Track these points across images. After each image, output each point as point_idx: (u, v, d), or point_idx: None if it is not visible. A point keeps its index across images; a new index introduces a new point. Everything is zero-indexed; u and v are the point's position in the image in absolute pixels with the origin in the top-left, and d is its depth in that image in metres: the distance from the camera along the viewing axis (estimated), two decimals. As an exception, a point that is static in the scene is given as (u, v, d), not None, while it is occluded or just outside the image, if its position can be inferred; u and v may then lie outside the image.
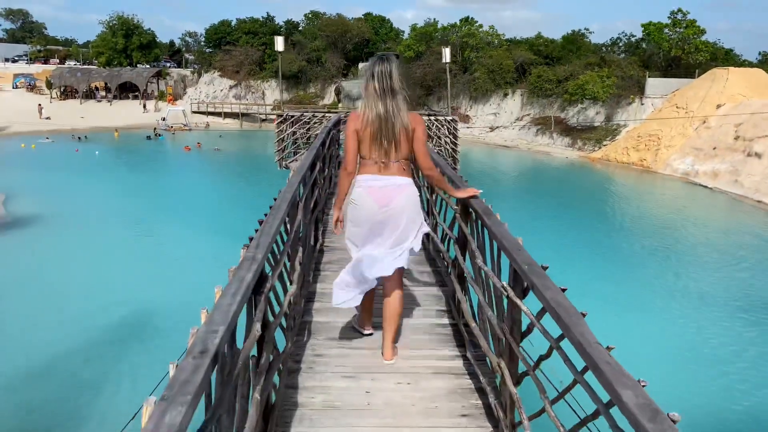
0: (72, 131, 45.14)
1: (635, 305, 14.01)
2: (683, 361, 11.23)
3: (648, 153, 33.88)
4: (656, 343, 11.90)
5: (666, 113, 35.33)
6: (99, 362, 10.80)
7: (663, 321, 13.07)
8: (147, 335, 11.71)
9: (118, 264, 15.72)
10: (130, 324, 12.26)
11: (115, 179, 27.33)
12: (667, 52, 39.60)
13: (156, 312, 12.69)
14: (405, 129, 3.46)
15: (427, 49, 49.17)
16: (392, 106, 3.42)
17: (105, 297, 13.40)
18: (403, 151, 3.51)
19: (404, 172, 3.56)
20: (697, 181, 29.77)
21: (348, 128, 3.55)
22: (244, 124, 53.95)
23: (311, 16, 61.93)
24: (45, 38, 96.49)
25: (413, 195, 3.61)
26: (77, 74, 58.20)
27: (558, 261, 17.07)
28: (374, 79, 3.44)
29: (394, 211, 3.51)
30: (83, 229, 18.78)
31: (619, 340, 2.64)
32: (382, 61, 3.47)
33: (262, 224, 3.21)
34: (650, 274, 16.44)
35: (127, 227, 19.28)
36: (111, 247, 17.18)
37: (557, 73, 42.02)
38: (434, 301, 4.93)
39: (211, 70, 59.62)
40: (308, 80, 55.61)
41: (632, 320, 12.96)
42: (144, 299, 13.28)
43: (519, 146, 41.75)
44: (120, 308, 12.83)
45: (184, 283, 13.54)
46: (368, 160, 3.53)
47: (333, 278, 3.84)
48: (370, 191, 3.51)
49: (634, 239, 20.30)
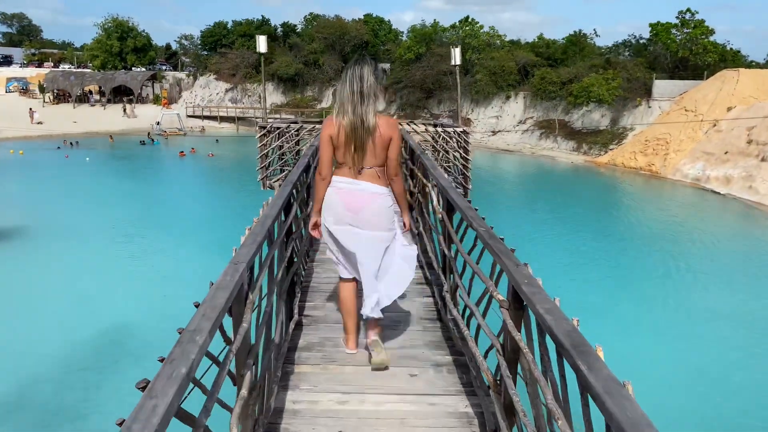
0: (64, 136, 44.06)
1: (648, 326, 12.95)
2: (703, 390, 10.18)
3: (656, 158, 32.77)
4: (669, 367, 10.90)
5: (674, 116, 34.22)
6: (71, 392, 9.78)
7: (680, 345, 11.98)
8: (125, 361, 10.63)
9: (100, 281, 14.63)
10: (107, 349, 11.20)
11: (103, 188, 26.18)
12: (674, 53, 38.47)
13: (138, 336, 11.61)
14: (379, 135, 3.39)
15: (427, 50, 48.07)
16: (362, 109, 3.34)
17: (83, 319, 12.34)
18: (377, 157, 3.45)
19: (379, 180, 3.51)
20: (708, 187, 28.65)
21: (322, 133, 3.52)
22: (240, 128, 52.81)
23: (310, 18, 60.85)
24: (41, 42, 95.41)
25: (386, 205, 3.55)
26: (70, 78, 57.10)
27: (562, 272, 16.09)
28: (346, 83, 3.38)
29: (363, 219, 3.50)
30: (65, 243, 17.64)
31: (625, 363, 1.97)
32: (358, 65, 3.40)
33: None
34: (662, 291, 15.32)
35: (112, 241, 18.14)
36: (93, 263, 16.07)
37: (561, 75, 40.91)
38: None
39: (206, 73, 58.51)
40: (305, 83, 54.48)
41: (646, 342, 11.91)
42: (126, 322, 12.23)
43: (522, 150, 40.64)
44: (99, 331, 11.78)
45: (169, 304, 12.47)
46: (344, 165, 3.50)
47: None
48: (340, 193, 3.50)
49: (643, 251, 19.17)
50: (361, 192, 3.47)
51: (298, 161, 5.60)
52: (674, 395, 9.78)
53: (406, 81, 47.80)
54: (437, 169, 5.32)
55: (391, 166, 3.54)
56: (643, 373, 9.70)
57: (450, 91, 47.22)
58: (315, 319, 4.51)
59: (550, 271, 15.30)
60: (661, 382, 10.03)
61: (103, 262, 16.09)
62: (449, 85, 46.99)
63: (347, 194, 3.48)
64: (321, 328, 4.32)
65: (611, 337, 11.38)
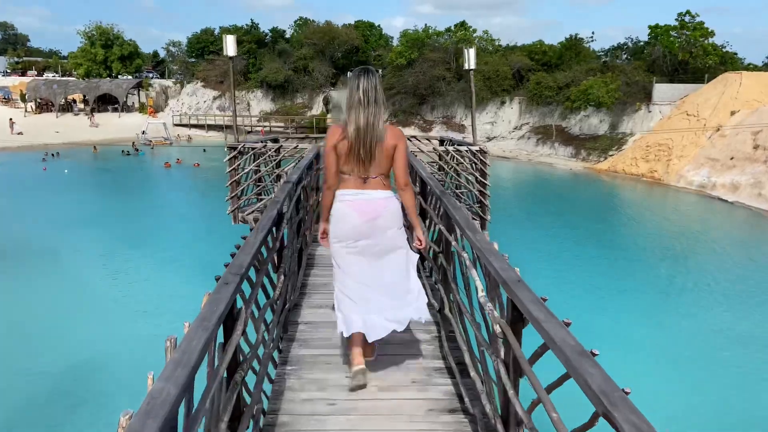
0: (45, 147, 42.49)
1: (658, 350, 11.73)
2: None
3: (659, 164, 31.67)
4: (685, 398, 9.73)
5: (676, 121, 33.18)
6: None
7: (699, 374, 10.76)
8: (92, 403, 9.30)
9: (70, 309, 13.24)
10: (74, 386, 9.89)
11: (80, 203, 24.66)
12: (674, 56, 37.46)
13: (108, 370, 10.28)
14: (384, 142, 3.37)
15: (419, 56, 46.90)
16: (373, 120, 3.31)
17: (51, 351, 11.00)
18: (382, 166, 3.43)
19: (385, 186, 3.50)
20: (715, 194, 27.54)
21: (327, 144, 3.48)
22: (228, 137, 51.39)
23: (299, 23, 59.53)
24: (27, 50, 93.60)
25: (396, 207, 3.54)
26: (53, 86, 55.50)
27: (563, 288, 14.80)
28: (359, 91, 3.32)
29: (382, 223, 3.47)
30: (32, 267, 16.17)
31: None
32: (368, 75, 3.37)
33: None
34: (672, 310, 14.08)
35: (86, 265, 16.70)
36: (63, 290, 14.63)
37: (557, 79, 39.83)
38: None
39: (193, 81, 57.08)
40: (295, 90, 53.16)
41: (659, 371, 10.72)
42: (97, 354, 10.89)
43: (519, 157, 39.47)
44: (66, 368, 10.44)
45: (144, 335, 11.13)
46: (348, 176, 3.46)
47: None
48: (352, 205, 3.45)
49: (649, 263, 17.97)
50: (372, 200, 3.43)
51: (270, 205, 4.18)
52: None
53: (398, 87, 46.59)
54: (469, 220, 3.71)
55: (399, 176, 3.47)
56: (657, 405, 8.55)
57: (443, 96, 46.07)
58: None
59: (550, 286, 14.11)
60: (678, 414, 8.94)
61: (74, 289, 14.67)
62: (443, 90, 45.84)
63: (358, 205, 3.43)
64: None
65: (618, 369, 10.22)
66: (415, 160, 6.72)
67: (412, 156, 7.21)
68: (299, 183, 5.38)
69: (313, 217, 6.50)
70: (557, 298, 12.87)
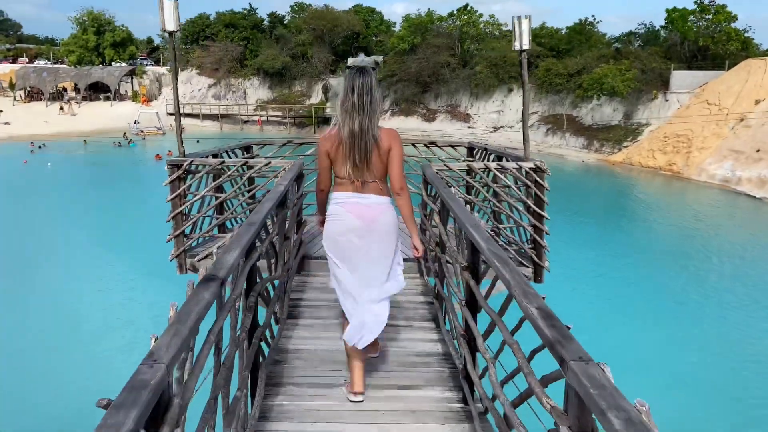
0: (31, 138, 40.69)
1: (671, 362, 10.07)
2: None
3: (677, 156, 29.80)
4: None
5: (695, 110, 31.24)
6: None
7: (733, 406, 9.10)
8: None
9: (36, 324, 11.58)
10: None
11: (59, 201, 22.89)
12: (693, 41, 35.36)
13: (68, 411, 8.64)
14: (379, 145, 3.21)
15: (422, 41, 44.81)
16: (368, 125, 3.16)
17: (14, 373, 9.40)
18: (378, 170, 3.27)
19: (382, 192, 3.34)
20: (740, 189, 25.74)
21: (320, 148, 3.35)
22: (224, 126, 49.54)
23: (297, 8, 57.28)
24: (20, 37, 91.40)
25: (393, 219, 3.40)
26: (43, 74, 53.51)
27: (572, 293, 13.06)
28: (353, 94, 3.16)
29: (379, 228, 3.32)
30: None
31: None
32: (362, 74, 3.18)
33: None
34: (697, 325, 12.33)
35: (57, 273, 15.00)
36: (30, 298, 12.96)
37: (568, 66, 37.81)
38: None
39: (188, 68, 55.01)
40: (293, 78, 51.11)
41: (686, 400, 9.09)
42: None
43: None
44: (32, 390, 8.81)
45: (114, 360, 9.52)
46: (344, 180, 3.31)
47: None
48: (350, 208, 3.31)
49: (671, 269, 16.21)
50: (370, 205, 3.29)
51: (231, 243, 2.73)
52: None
53: (400, 74, 44.55)
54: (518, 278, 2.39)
55: (395, 180, 3.31)
56: None
57: (447, 84, 44.08)
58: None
59: (566, 294, 12.48)
60: None
61: (43, 298, 12.99)
62: (447, 78, 43.85)
63: (354, 207, 3.28)
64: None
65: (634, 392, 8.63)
66: (431, 174, 4.91)
67: (427, 166, 5.38)
68: (267, 229, 3.64)
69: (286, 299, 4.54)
70: (565, 302, 11.31)
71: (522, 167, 5.85)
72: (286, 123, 48.61)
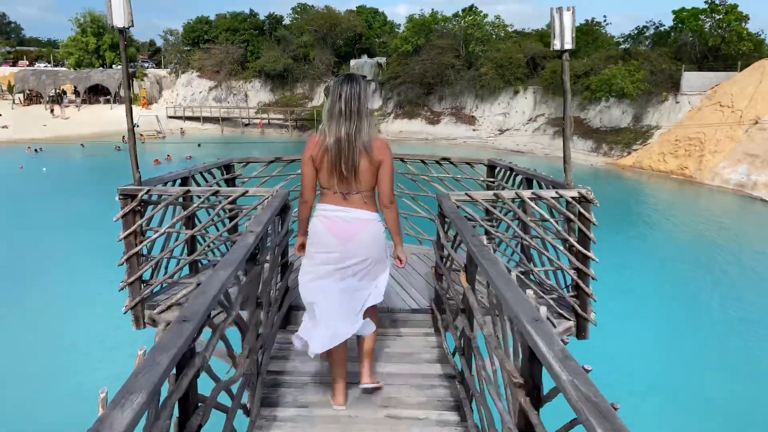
0: (29, 142, 40.05)
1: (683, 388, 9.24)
2: None
3: (690, 160, 28.96)
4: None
5: (707, 112, 30.40)
6: None
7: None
8: None
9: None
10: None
11: (49, 210, 22.13)
12: (704, 42, 34.49)
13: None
14: (368, 156, 3.05)
15: (426, 42, 44.01)
16: (354, 133, 3.01)
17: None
18: (366, 181, 3.11)
19: (367, 206, 3.17)
20: (756, 194, 24.91)
21: (304, 155, 3.16)
22: (225, 129, 48.82)
23: (299, 9, 56.53)
24: (21, 40, 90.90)
25: (378, 232, 3.22)
26: (42, 77, 52.88)
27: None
28: (341, 101, 3.03)
29: (356, 249, 3.14)
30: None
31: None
32: (351, 82, 3.06)
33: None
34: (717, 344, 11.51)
35: (45, 289, 14.27)
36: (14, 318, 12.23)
37: (575, 67, 36.94)
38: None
39: (189, 71, 54.33)
40: (295, 80, 50.36)
41: None
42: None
43: (534, 151, 36.71)
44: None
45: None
46: (328, 190, 3.15)
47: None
48: (329, 224, 3.15)
49: (689, 282, 15.40)
50: (351, 220, 3.14)
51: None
52: None
53: (404, 76, 43.76)
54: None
55: (384, 193, 3.20)
56: None
57: (452, 86, 43.30)
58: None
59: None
60: None
61: (25, 318, 12.25)
62: (451, 79, 43.06)
63: (335, 224, 3.15)
64: None
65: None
66: (450, 208, 4.08)
67: (444, 197, 4.44)
68: (229, 298, 2.71)
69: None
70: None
71: (562, 196, 4.69)
72: (288, 126, 47.87)
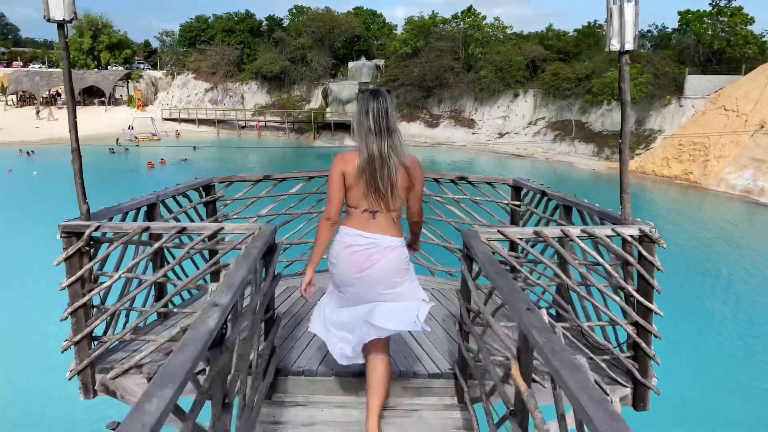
0: (22, 144, 39.42)
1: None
2: None
3: (694, 165, 28.39)
4: None
5: (711, 116, 29.85)
6: None
7: None
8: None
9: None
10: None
11: (39, 216, 21.41)
12: (708, 44, 33.95)
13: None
14: (404, 173, 2.97)
15: (425, 44, 43.42)
16: (387, 147, 2.91)
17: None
18: (398, 199, 3.01)
19: (393, 229, 3.04)
20: (763, 200, 24.33)
21: (333, 171, 3.00)
22: (221, 131, 48.16)
23: (296, 11, 55.93)
24: (17, 41, 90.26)
25: (401, 258, 3.05)
26: (35, 78, 52.18)
27: None
28: (368, 117, 2.94)
29: (370, 278, 3.01)
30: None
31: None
32: (377, 97, 2.99)
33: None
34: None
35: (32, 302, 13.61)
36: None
37: (576, 70, 36.44)
38: None
39: (184, 72, 53.66)
40: (292, 82, 49.71)
41: None
42: None
43: (534, 155, 36.13)
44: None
45: None
46: (356, 210, 3.02)
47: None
48: (350, 253, 3.01)
49: (696, 294, 14.80)
50: (375, 249, 2.99)
51: None
52: None
53: (402, 78, 43.13)
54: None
55: (415, 207, 3.18)
56: None
57: (451, 89, 42.71)
58: None
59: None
60: None
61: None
62: (450, 82, 42.48)
63: (358, 254, 3.00)
64: None
65: None
66: (487, 260, 3.15)
67: (471, 236, 3.49)
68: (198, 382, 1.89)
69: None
70: None
71: (619, 234, 3.65)
72: (285, 128, 47.23)
